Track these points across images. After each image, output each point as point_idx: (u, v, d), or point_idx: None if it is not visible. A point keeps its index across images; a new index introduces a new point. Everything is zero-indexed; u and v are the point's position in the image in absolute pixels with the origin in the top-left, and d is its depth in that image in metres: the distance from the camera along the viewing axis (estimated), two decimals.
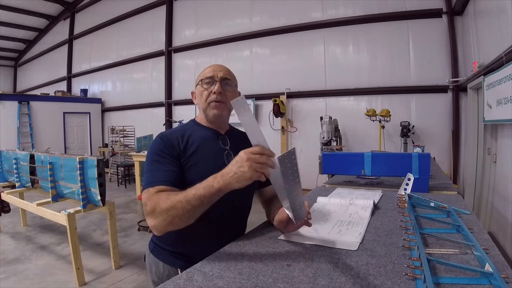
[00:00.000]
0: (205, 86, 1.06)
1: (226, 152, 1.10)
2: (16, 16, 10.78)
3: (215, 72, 1.07)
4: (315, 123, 5.36)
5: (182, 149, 1.02)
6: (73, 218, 2.63)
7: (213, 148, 1.08)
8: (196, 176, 0.97)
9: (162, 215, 0.83)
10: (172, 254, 1.06)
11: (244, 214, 1.16)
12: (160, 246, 1.09)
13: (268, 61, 6.70)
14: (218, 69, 1.08)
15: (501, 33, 3.10)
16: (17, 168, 3.68)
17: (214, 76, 1.06)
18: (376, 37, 5.58)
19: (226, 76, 1.07)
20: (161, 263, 1.07)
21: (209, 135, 1.10)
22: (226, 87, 1.07)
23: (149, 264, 1.12)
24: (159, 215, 0.84)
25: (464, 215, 1.12)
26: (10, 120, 7.93)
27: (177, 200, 0.82)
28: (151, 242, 1.14)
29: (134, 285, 2.64)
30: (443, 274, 0.68)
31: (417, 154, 1.58)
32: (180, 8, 8.05)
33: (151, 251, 1.12)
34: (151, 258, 1.11)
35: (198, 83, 1.10)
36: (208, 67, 1.10)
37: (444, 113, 5.11)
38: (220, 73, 1.07)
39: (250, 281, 0.68)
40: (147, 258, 1.14)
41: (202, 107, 1.09)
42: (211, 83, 1.06)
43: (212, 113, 1.07)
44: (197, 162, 1.02)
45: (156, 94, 8.40)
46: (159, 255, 1.08)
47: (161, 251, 1.08)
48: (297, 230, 0.97)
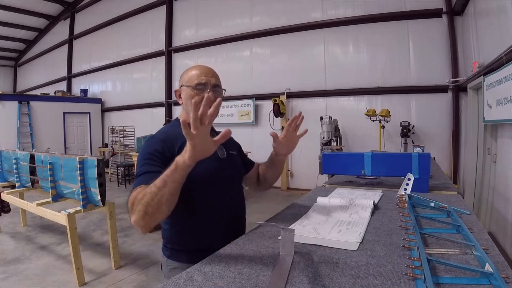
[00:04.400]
0: (197, 91, 1.07)
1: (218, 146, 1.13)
2: (16, 16, 10.79)
3: (207, 78, 1.08)
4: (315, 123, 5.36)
5: (178, 148, 1.02)
6: (73, 218, 2.63)
7: None
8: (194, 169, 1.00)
9: (138, 206, 0.84)
10: (192, 252, 1.04)
11: (240, 203, 1.19)
12: (178, 249, 1.08)
13: (268, 61, 6.70)
14: (210, 74, 1.10)
15: (501, 33, 3.10)
16: (17, 168, 3.68)
17: (207, 83, 1.08)
18: (376, 37, 5.58)
19: (217, 83, 1.10)
20: (184, 265, 1.02)
21: None
22: (217, 94, 1.10)
23: (169, 270, 1.08)
24: (136, 208, 0.85)
25: (464, 215, 1.12)
26: (10, 120, 7.94)
27: (147, 189, 0.84)
28: (165, 248, 1.12)
29: (134, 285, 2.64)
30: (443, 274, 0.68)
31: (417, 154, 1.58)
32: (180, 8, 8.06)
33: (168, 257, 1.09)
34: (170, 264, 1.08)
35: (187, 85, 1.09)
36: (195, 69, 1.11)
37: (444, 113, 5.12)
38: (212, 79, 1.09)
39: (250, 281, 0.68)
40: (165, 265, 1.11)
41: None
42: (203, 89, 1.07)
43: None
44: None
45: (156, 94, 8.40)
46: (179, 257, 1.07)
47: (180, 253, 1.07)
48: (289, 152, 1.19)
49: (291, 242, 0.82)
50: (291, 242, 0.82)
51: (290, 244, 0.82)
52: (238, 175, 1.21)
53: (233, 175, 1.16)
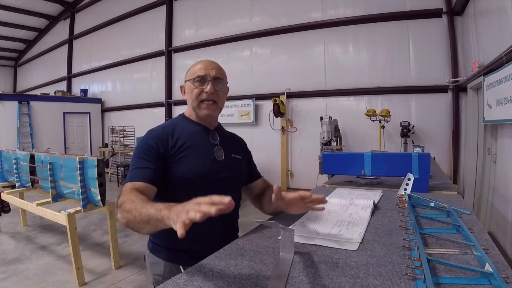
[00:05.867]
0: (197, 84, 1.06)
1: (216, 147, 1.11)
2: (16, 16, 10.78)
3: (207, 71, 1.06)
4: (315, 123, 5.37)
5: (172, 145, 1.03)
6: (73, 218, 2.63)
7: (203, 142, 1.10)
8: (186, 169, 1.02)
9: (123, 213, 0.84)
10: (172, 251, 1.06)
11: (235, 207, 1.17)
12: (159, 244, 1.09)
13: (268, 61, 6.70)
14: (210, 67, 1.07)
15: (501, 33, 3.10)
16: (17, 168, 3.68)
17: (206, 76, 1.06)
18: (376, 37, 5.58)
19: (218, 76, 1.08)
20: (162, 261, 1.07)
21: (198, 130, 1.12)
22: (218, 86, 1.08)
23: (149, 263, 1.12)
24: (122, 212, 0.85)
25: (464, 215, 1.12)
26: (10, 120, 7.93)
27: (136, 207, 0.80)
28: (149, 241, 1.14)
29: (134, 285, 2.64)
30: (443, 274, 0.68)
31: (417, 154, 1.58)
32: (180, 8, 8.05)
33: (151, 250, 1.11)
34: (151, 258, 1.10)
35: (188, 80, 1.09)
36: (199, 63, 1.09)
37: (444, 113, 5.11)
38: (212, 71, 1.06)
39: (250, 281, 0.68)
40: (147, 258, 1.14)
41: (192, 105, 1.10)
42: (203, 82, 1.06)
43: (203, 113, 1.09)
44: (187, 156, 1.03)
45: (156, 94, 8.40)
46: (159, 253, 1.08)
47: (161, 249, 1.08)
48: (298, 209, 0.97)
49: (291, 242, 0.82)
50: (291, 242, 0.82)
51: (290, 244, 0.82)
52: (236, 178, 1.16)
53: (230, 178, 1.11)
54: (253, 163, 1.31)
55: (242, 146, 1.27)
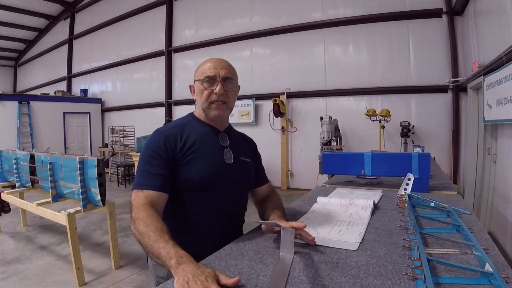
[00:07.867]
0: (206, 85, 1.03)
1: (226, 150, 1.09)
2: (16, 16, 10.78)
3: (216, 71, 1.03)
4: (315, 123, 5.36)
5: (180, 146, 1.01)
6: (73, 218, 2.62)
7: (212, 144, 1.07)
8: (194, 172, 1.00)
9: (135, 230, 0.84)
10: None
11: (240, 212, 1.16)
12: None
13: (268, 61, 6.70)
14: (219, 66, 1.04)
15: (501, 33, 3.10)
16: (17, 168, 3.68)
17: (216, 76, 1.02)
18: (376, 37, 5.58)
19: (228, 75, 1.04)
20: None
21: (208, 131, 1.09)
22: (228, 86, 1.05)
23: (153, 265, 1.09)
24: (135, 228, 0.84)
25: (464, 215, 1.12)
26: (10, 120, 7.93)
27: (149, 236, 0.79)
28: None
29: (134, 285, 2.64)
30: (443, 274, 0.68)
31: (417, 154, 1.58)
32: (180, 8, 8.06)
33: None
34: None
35: (197, 80, 1.06)
36: (209, 62, 1.06)
37: (444, 113, 5.12)
38: (222, 71, 1.03)
39: (250, 281, 0.68)
40: (150, 260, 1.12)
41: (202, 106, 1.07)
42: (212, 83, 1.03)
43: (213, 113, 1.06)
44: (196, 158, 1.01)
45: (156, 94, 8.40)
46: None
47: None
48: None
49: (291, 242, 0.82)
50: (291, 242, 0.82)
51: (290, 244, 0.82)
52: (244, 182, 1.13)
53: (238, 182, 1.09)
54: (262, 166, 1.27)
55: (252, 149, 1.24)
